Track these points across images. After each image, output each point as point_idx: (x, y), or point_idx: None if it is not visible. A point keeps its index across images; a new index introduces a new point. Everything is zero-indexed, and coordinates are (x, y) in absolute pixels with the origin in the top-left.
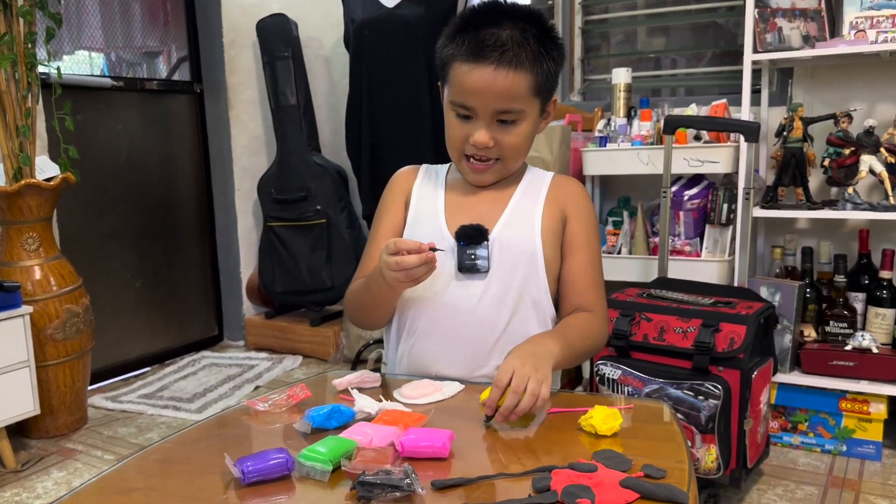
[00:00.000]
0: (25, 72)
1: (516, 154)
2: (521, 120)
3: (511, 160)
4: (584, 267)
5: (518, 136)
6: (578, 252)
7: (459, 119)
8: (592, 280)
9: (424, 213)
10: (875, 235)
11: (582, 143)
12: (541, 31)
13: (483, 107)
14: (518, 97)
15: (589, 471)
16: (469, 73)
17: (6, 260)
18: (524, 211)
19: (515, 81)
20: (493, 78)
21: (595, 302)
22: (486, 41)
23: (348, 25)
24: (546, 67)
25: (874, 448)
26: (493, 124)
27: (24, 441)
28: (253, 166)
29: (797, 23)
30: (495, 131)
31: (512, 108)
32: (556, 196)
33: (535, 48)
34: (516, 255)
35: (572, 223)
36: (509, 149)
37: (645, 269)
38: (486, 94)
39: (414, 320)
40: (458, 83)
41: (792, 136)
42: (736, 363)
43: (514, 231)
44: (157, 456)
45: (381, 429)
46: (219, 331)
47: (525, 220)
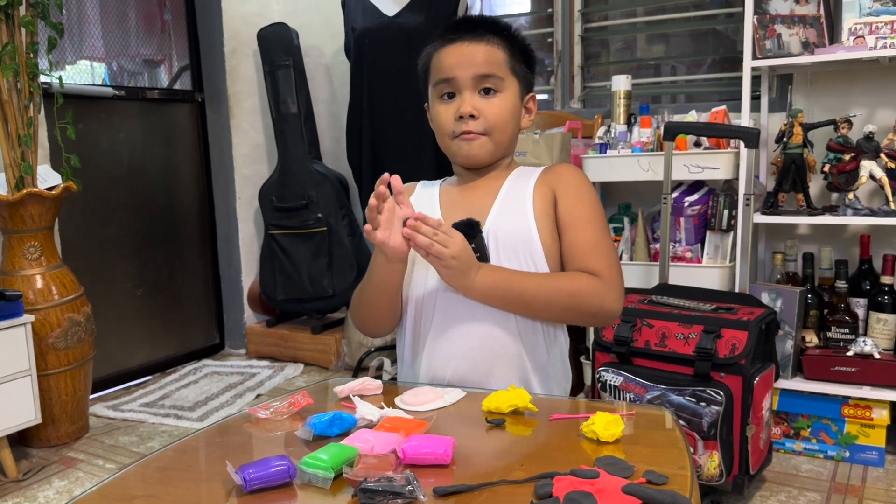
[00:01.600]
0: (27, 81)
1: (502, 126)
2: (501, 91)
3: (498, 133)
4: (576, 238)
5: (501, 107)
6: (570, 226)
7: (444, 101)
8: (587, 247)
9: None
10: (876, 241)
11: (582, 149)
12: (511, 36)
13: (464, 76)
14: (495, 63)
15: (591, 477)
16: (447, 51)
17: (8, 269)
18: (515, 197)
19: (490, 50)
20: (469, 50)
21: (593, 266)
22: (459, 27)
23: (349, 34)
24: (517, 55)
25: (877, 454)
26: (476, 96)
27: (25, 450)
28: (254, 174)
29: (796, 29)
30: (479, 102)
31: (491, 73)
32: (545, 181)
33: (506, 38)
34: (513, 240)
35: (561, 201)
36: (494, 119)
37: (646, 275)
38: (464, 63)
39: (427, 323)
40: (438, 65)
41: (792, 142)
42: (738, 369)
43: (507, 218)
44: (159, 464)
45: (383, 436)
46: (220, 339)
47: (517, 206)
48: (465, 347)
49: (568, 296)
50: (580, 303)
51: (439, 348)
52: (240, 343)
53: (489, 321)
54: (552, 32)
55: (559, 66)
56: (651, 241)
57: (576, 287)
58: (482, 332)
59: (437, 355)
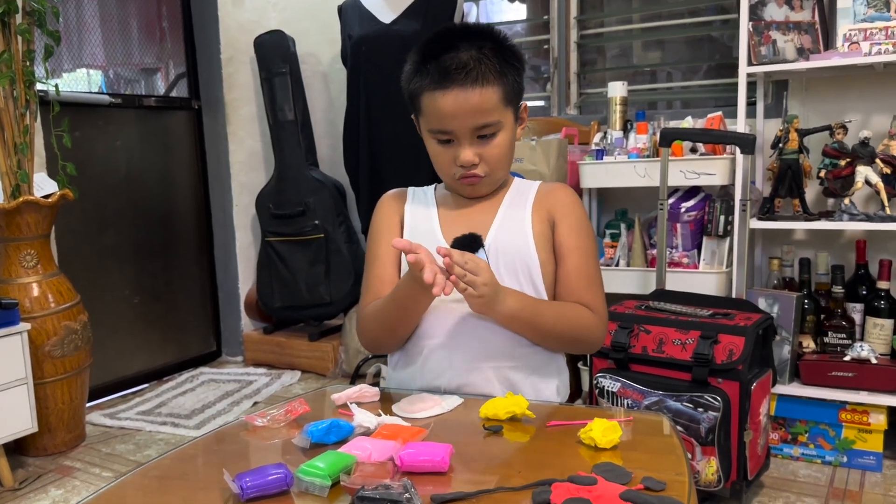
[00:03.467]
0: (24, 89)
1: (502, 164)
2: (499, 131)
3: (499, 170)
4: (574, 270)
5: (500, 146)
6: (568, 257)
7: (441, 145)
8: (584, 282)
9: (421, 229)
10: (872, 246)
11: (579, 156)
12: (496, 44)
13: (461, 127)
14: (491, 110)
15: (589, 484)
16: (441, 99)
17: (4, 277)
18: (514, 216)
19: (485, 96)
20: (464, 98)
21: (589, 302)
22: (448, 66)
23: (345, 41)
24: (510, 77)
25: (874, 459)
26: (475, 141)
27: (21, 459)
28: (251, 182)
29: (791, 35)
30: (478, 147)
31: (488, 121)
32: (542, 202)
33: (495, 62)
34: (512, 257)
35: (560, 228)
36: (494, 160)
37: (643, 281)
38: (461, 114)
39: (425, 333)
40: (432, 112)
41: (788, 148)
42: (735, 375)
43: (507, 235)
44: (156, 472)
45: (380, 443)
46: (217, 347)
47: (516, 225)
48: (461, 356)
49: (577, 329)
50: (583, 337)
51: (441, 358)
52: (237, 351)
53: (486, 329)
54: (548, 39)
55: (555, 72)
56: (648, 247)
57: (584, 322)
58: (480, 339)
59: (438, 365)
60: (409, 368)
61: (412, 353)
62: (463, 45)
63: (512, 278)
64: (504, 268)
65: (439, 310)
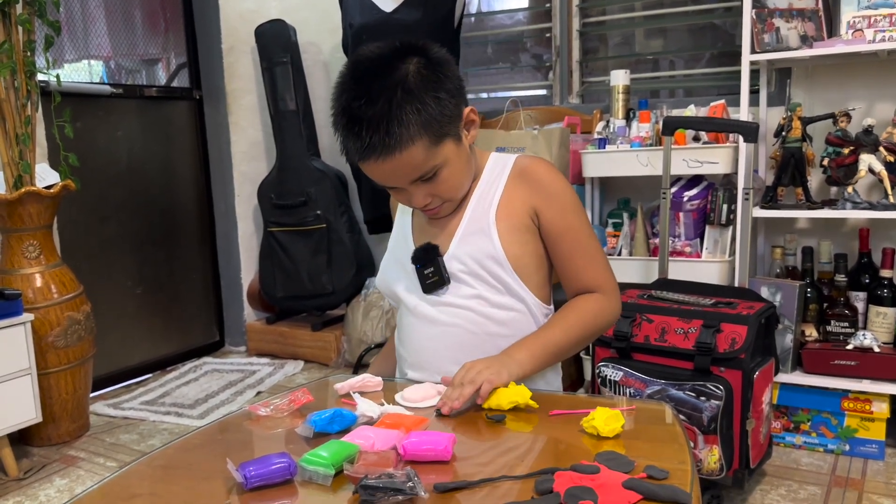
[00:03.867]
0: (25, 80)
1: (457, 191)
2: (441, 169)
3: (456, 193)
4: (570, 253)
5: (448, 180)
6: (561, 240)
7: (392, 190)
8: (583, 261)
9: (399, 236)
10: (875, 234)
11: (581, 145)
12: (413, 70)
13: (399, 183)
14: (422, 164)
15: (591, 472)
16: (368, 168)
17: (7, 268)
18: (479, 215)
19: (408, 157)
20: (387, 168)
21: (593, 281)
22: (363, 133)
23: (346, 30)
24: (434, 112)
25: (877, 447)
26: (420, 185)
27: (26, 449)
28: (253, 172)
29: (795, 23)
30: (426, 189)
31: (422, 173)
32: (516, 189)
33: (411, 111)
34: (476, 259)
35: (545, 213)
36: (447, 193)
37: (645, 270)
38: (393, 177)
39: (403, 346)
40: (370, 177)
41: (791, 136)
42: (737, 363)
43: (469, 239)
44: (160, 462)
45: (384, 432)
46: (220, 337)
47: (481, 224)
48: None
49: (589, 325)
50: (597, 328)
51: (423, 365)
52: (240, 340)
53: (462, 332)
54: (550, 27)
55: (557, 61)
56: (650, 236)
57: (591, 316)
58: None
59: (422, 372)
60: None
61: (405, 357)
62: (374, 95)
63: (476, 281)
64: (466, 273)
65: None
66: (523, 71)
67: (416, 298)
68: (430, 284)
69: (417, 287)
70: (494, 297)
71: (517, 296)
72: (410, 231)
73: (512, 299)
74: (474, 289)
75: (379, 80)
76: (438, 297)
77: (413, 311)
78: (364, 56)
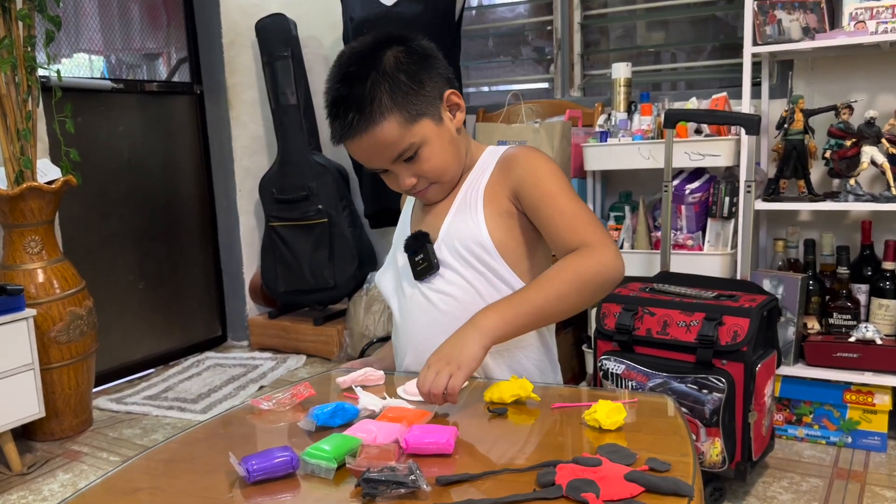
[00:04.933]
0: (25, 75)
1: (442, 171)
2: (420, 148)
3: (442, 176)
4: (549, 218)
5: (430, 159)
6: (538, 210)
7: (383, 174)
8: (563, 222)
9: (400, 233)
10: (877, 226)
11: (582, 138)
12: (392, 58)
13: (379, 164)
14: (397, 141)
15: (593, 465)
16: (350, 149)
17: (9, 263)
18: (467, 203)
19: (382, 135)
20: (365, 145)
21: (578, 238)
22: (342, 117)
23: (347, 24)
24: (410, 91)
25: (879, 439)
26: (403, 165)
27: (29, 444)
28: (254, 166)
29: (796, 15)
30: (410, 169)
31: (400, 150)
32: (499, 176)
33: (384, 91)
34: (464, 245)
35: (521, 190)
36: (432, 172)
37: (647, 263)
38: (372, 157)
39: (398, 336)
40: (355, 158)
41: (793, 129)
42: (739, 356)
43: (457, 226)
44: (163, 456)
45: (386, 426)
46: (222, 331)
47: (468, 211)
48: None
49: (573, 281)
50: (586, 279)
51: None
52: (242, 335)
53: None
54: (551, 20)
55: (558, 54)
56: (652, 229)
57: (573, 269)
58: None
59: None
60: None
61: (399, 346)
62: (353, 80)
63: (465, 267)
64: (455, 259)
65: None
66: (524, 64)
67: (409, 286)
68: (420, 271)
69: (410, 275)
70: (482, 283)
71: (505, 280)
72: (409, 223)
73: (500, 283)
74: (463, 275)
75: (359, 67)
76: (430, 285)
77: (408, 298)
78: (350, 47)
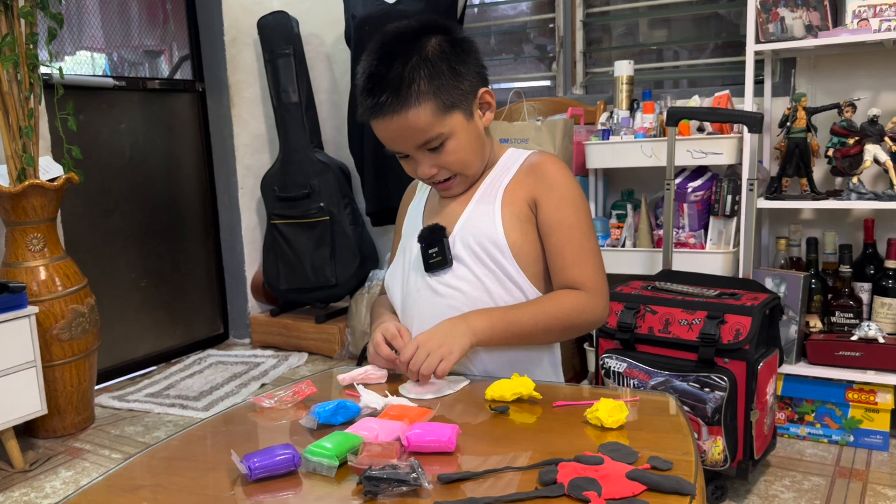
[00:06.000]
0: (27, 73)
1: (465, 164)
2: (447, 139)
3: (464, 170)
4: (559, 247)
5: (455, 152)
6: (552, 232)
7: (402, 159)
8: (572, 256)
9: (411, 223)
10: (880, 225)
11: (585, 136)
12: (434, 45)
13: (405, 148)
14: (427, 128)
15: (595, 463)
16: (377, 128)
17: (11, 261)
18: (486, 201)
19: (413, 118)
20: (394, 125)
21: (578, 278)
22: (375, 93)
23: (349, 22)
24: (447, 82)
25: (881, 438)
26: (427, 154)
27: (31, 441)
28: (256, 164)
29: (799, 12)
30: (432, 159)
31: (427, 138)
32: (522, 180)
33: (423, 75)
34: (478, 243)
35: (542, 205)
36: (454, 166)
37: (649, 261)
38: (398, 139)
39: (409, 324)
40: (378, 137)
41: (795, 127)
42: (742, 355)
43: (474, 222)
44: (164, 453)
45: (387, 424)
46: (224, 329)
47: (486, 210)
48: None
49: (564, 318)
50: (573, 323)
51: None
52: (244, 333)
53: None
54: (553, 18)
55: (561, 51)
56: (654, 227)
57: (567, 310)
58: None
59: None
60: None
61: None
62: (394, 61)
63: (477, 264)
64: (468, 255)
65: (417, 304)
66: (526, 62)
67: (417, 277)
68: (433, 264)
69: (420, 267)
70: (492, 282)
71: (515, 282)
72: (422, 217)
73: (511, 284)
74: (474, 272)
75: (401, 48)
76: (439, 278)
77: (414, 289)
78: (395, 26)
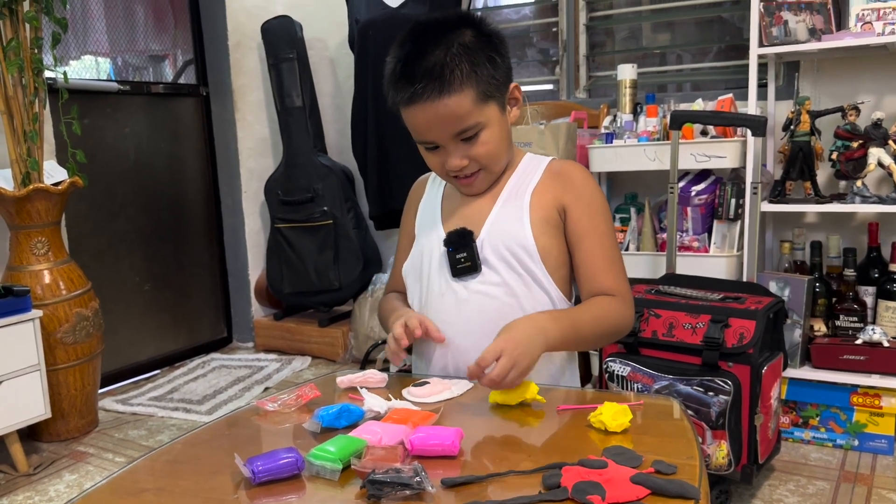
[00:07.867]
0: (32, 77)
1: (494, 159)
2: (482, 129)
3: (492, 164)
4: (591, 255)
5: (487, 143)
6: (583, 240)
7: (429, 151)
8: (604, 264)
9: (426, 221)
10: (884, 228)
11: (588, 139)
12: (472, 36)
13: (439, 137)
14: (466, 115)
15: (599, 467)
16: (413, 115)
17: (15, 264)
18: (513, 204)
19: (455, 104)
20: (433, 111)
21: (611, 285)
22: (415, 79)
23: (353, 26)
24: (486, 71)
25: (886, 442)
26: (459, 145)
27: (35, 444)
28: (259, 168)
29: (803, 16)
30: (464, 150)
31: (465, 126)
32: (549, 185)
33: (464, 62)
34: (507, 247)
35: (572, 212)
36: (485, 158)
37: (653, 265)
38: (436, 126)
39: (438, 321)
40: (411, 126)
41: (799, 130)
42: (746, 358)
43: (502, 226)
44: (168, 457)
45: (391, 427)
46: (228, 332)
47: (513, 212)
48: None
49: (611, 327)
50: (617, 329)
51: (453, 350)
52: (247, 336)
53: (487, 320)
54: (556, 22)
55: (564, 55)
56: (658, 230)
57: (615, 316)
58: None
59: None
60: (423, 359)
61: (423, 347)
62: (431, 48)
63: (506, 269)
64: (497, 259)
65: (444, 309)
66: (530, 66)
67: (441, 282)
68: (461, 269)
69: (446, 271)
70: (521, 286)
71: (542, 287)
72: (440, 217)
73: (538, 289)
74: (503, 276)
75: (437, 38)
76: (465, 283)
77: (437, 294)
78: (424, 20)
